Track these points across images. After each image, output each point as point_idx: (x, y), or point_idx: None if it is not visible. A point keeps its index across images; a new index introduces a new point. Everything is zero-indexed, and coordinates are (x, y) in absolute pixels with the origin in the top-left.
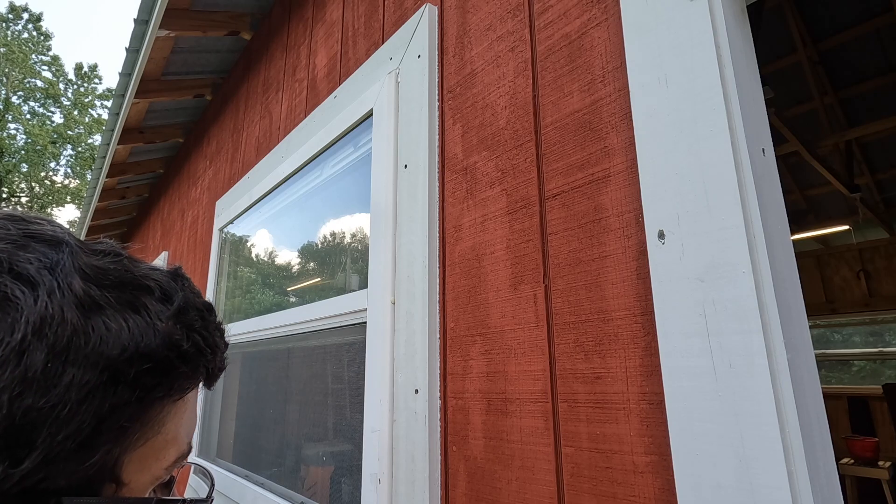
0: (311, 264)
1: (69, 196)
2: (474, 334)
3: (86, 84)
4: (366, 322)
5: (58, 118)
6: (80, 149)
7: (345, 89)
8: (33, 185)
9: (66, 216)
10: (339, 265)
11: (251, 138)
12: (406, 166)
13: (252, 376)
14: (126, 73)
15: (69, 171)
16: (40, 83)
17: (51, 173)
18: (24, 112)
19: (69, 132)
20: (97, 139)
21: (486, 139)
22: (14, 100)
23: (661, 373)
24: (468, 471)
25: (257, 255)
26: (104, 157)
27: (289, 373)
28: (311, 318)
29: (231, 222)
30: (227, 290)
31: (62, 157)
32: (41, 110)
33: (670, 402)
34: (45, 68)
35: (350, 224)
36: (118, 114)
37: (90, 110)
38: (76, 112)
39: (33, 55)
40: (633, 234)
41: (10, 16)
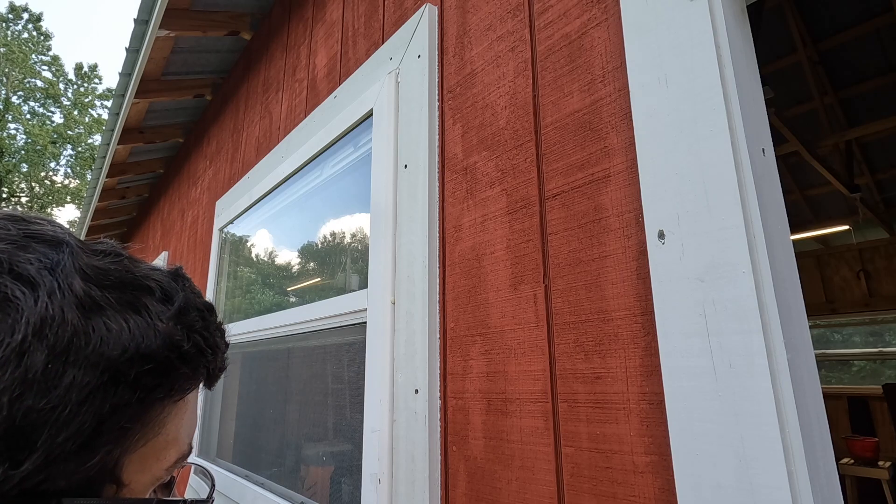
0: (311, 264)
1: (69, 196)
2: (474, 334)
3: (86, 84)
4: (366, 322)
5: (58, 118)
6: (80, 149)
7: (345, 89)
8: (33, 185)
9: (66, 216)
10: (339, 265)
11: (251, 138)
12: (406, 166)
13: (252, 376)
14: (126, 73)
15: (69, 171)
16: (40, 83)
17: (51, 173)
18: (24, 112)
19: (69, 132)
20: (97, 139)
21: (486, 139)
22: (14, 100)
23: (661, 373)
24: (468, 471)
25: (257, 255)
26: (104, 157)
27: (289, 373)
28: (311, 318)
29: (231, 222)
30: (227, 290)
31: (62, 157)
32: (41, 110)
33: (670, 402)
34: (45, 68)
35: (350, 224)
36: (118, 114)
37: (90, 110)
38: (76, 112)
39: (33, 55)
40: (633, 234)
41: (10, 16)
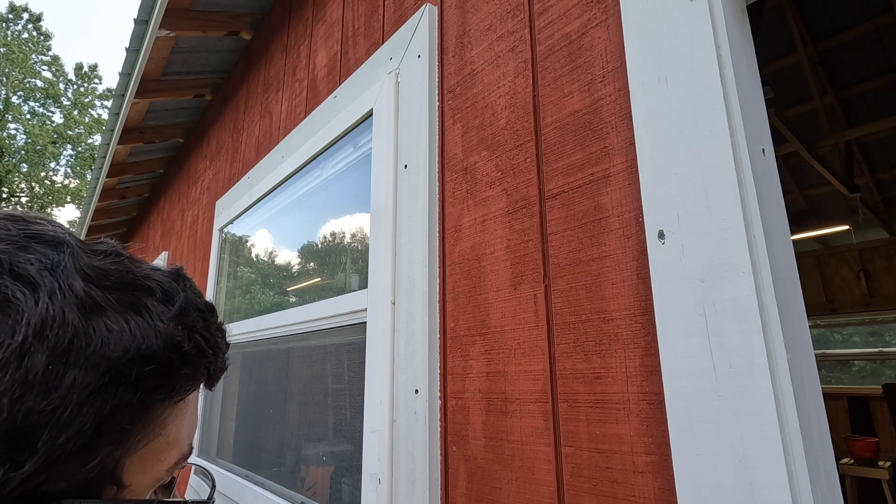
0: (311, 264)
1: (69, 196)
2: (474, 334)
3: (86, 84)
4: (366, 322)
5: (58, 118)
6: (80, 149)
7: (345, 89)
8: (33, 185)
9: (66, 216)
10: (338, 265)
11: (251, 138)
12: (406, 166)
13: (252, 376)
14: (126, 73)
15: (69, 171)
16: (40, 83)
17: (51, 173)
18: (24, 112)
19: (69, 132)
20: (97, 139)
21: (486, 139)
22: (14, 100)
23: (661, 373)
24: (468, 471)
25: (257, 255)
26: (104, 157)
27: (289, 373)
28: (311, 318)
29: (231, 222)
30: (227, 290)
31: (62, 157)
32: (41, 110)
33: (670, 402)
34: (45, 68)
35: (350, 224)
36: (118, 114)
37: (90, 110)
38: (76, 112)
39: (33, 55)
40: (633, 234)
41: (10, 16)
